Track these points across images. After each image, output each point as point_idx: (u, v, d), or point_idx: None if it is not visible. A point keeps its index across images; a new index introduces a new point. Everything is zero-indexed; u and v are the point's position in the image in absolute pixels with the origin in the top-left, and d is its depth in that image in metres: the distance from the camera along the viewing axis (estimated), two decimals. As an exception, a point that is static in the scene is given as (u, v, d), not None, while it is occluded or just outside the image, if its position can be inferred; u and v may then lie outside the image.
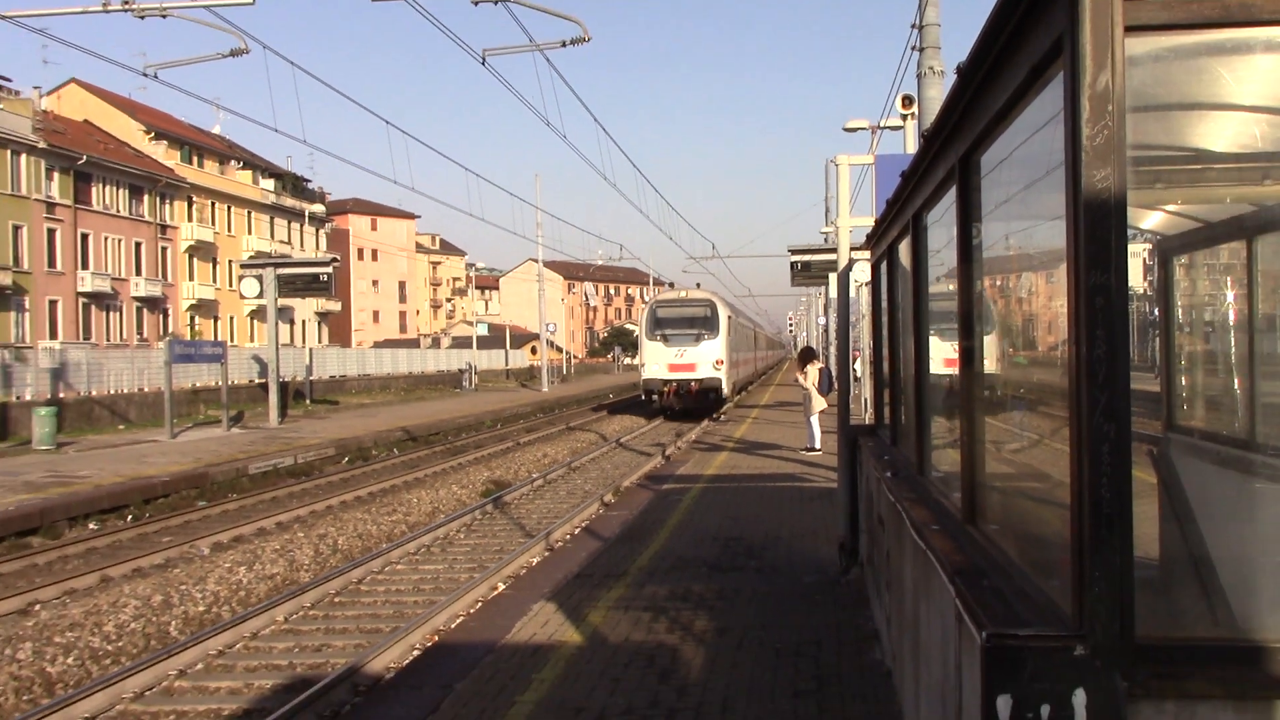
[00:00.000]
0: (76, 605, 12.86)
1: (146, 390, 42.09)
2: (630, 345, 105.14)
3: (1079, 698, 3.03)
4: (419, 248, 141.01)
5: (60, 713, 8.82)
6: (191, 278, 78.68)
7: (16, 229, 61.00)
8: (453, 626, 10.04)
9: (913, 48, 17.82)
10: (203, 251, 79.46)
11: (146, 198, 73.18)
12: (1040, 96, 3.65)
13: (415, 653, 9.43)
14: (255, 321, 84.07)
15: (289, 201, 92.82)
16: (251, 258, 67.71)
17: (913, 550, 5.49)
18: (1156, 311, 7.30)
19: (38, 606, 12.97)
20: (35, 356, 41.14)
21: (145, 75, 24.48)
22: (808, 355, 25.07)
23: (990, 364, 5.22)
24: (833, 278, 25.41)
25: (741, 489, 18.05)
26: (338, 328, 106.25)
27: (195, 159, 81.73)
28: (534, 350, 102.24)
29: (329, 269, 40.68)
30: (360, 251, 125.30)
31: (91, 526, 19.00)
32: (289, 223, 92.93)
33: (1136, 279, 7.60)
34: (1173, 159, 5.32)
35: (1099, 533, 3.01)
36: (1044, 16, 3.39)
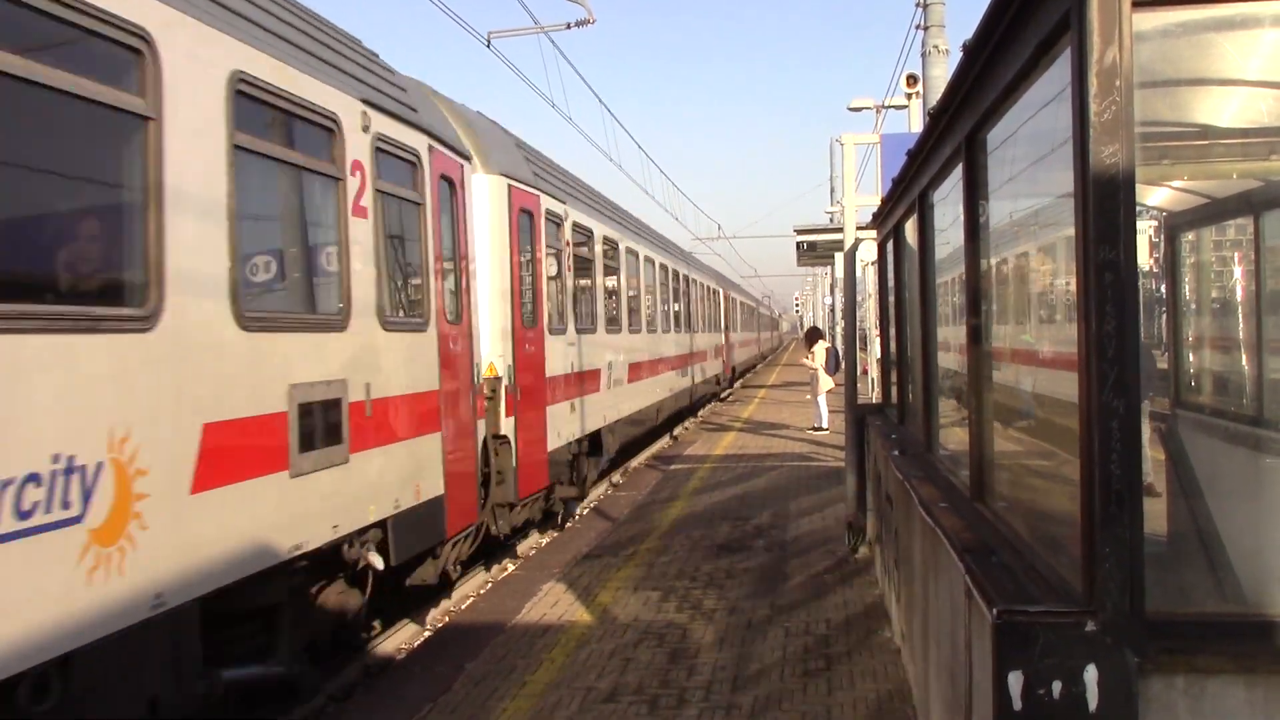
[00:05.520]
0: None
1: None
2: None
3: (1090, 673, 3.05)
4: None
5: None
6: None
7: None
8: (463, 607, 10.08)
9: (917, 26, 17.74)
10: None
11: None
12: (1048, 73, 3.64)
13: (427, 633, 9.47)
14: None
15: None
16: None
17: (921, 528, 5.50)
18: (1163, 288, 7.29)
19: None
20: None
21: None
22: (814, 335, 25.03)
23: (999, 342, 5.23)
24: (839, 257, 25.34)
25: (749, 468, 18.07)
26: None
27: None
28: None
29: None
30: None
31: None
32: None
33: (1143, 256, 7.59)
34: (1179, 135, 5.31)
35: (1109, 509, 3.02)
36: (1051, -8, 3.38)
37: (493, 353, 11.31)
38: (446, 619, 9.93)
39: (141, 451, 5.23)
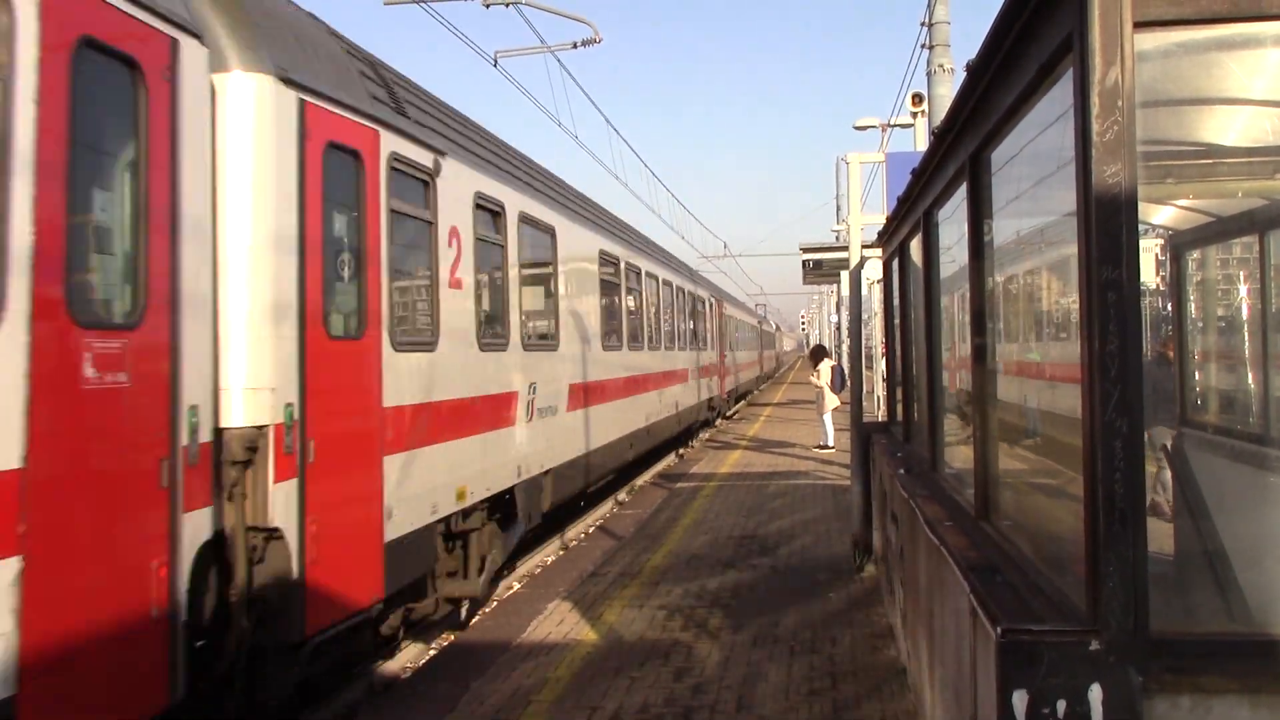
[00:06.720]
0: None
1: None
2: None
3: (1094, 693, 3.04)
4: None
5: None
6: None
7: None
8: (469, 626, 10.07)
9: (923, 45, 17.82)
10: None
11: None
12: (1050, 93, 3.66)
13: (432, 652, 9.46)
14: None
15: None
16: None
17: (926, 546, 5.50)
18: (1169, 307, 7.29)
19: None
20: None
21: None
22: (819, 354, 25.05)
23: (1003, 360, 5.23)
24: (844, 275, 25.36)
25: (755, 486, 18.05)
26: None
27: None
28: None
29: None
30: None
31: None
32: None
33: (1149, 274, 7.60)
34: (1184, 154, 5.32)
35: (1112, 528, 3.01)
36: (1053, 13, 3.40)
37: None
38: (452, 638, 9.92)
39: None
